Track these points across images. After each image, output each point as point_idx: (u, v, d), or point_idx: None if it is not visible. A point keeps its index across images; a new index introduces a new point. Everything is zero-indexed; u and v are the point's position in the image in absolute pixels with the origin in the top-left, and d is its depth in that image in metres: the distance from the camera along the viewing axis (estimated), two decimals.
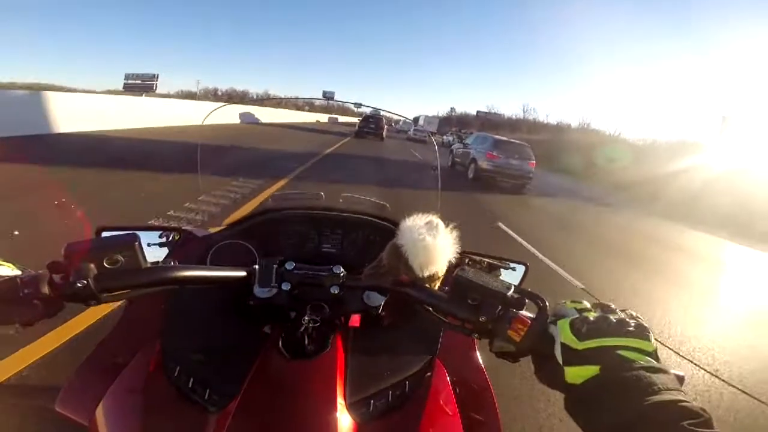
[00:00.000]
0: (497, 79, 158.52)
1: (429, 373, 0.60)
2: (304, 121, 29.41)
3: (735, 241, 8.10)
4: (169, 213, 3.64)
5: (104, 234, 0.67)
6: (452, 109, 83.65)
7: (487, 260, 0.83)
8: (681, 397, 0.32)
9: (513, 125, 48.93)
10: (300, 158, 8.73)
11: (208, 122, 1.55)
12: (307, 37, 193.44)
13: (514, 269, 0.83)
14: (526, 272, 0.83)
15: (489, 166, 10.24)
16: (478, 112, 61.77)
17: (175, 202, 3.87)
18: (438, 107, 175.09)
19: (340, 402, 0.48)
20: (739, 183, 11.68)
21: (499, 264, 0.83)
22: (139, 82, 19.95)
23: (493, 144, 10.57)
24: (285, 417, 0.45)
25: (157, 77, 19.97)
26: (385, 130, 19.60)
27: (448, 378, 0.61)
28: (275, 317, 0.60)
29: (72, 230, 2.67)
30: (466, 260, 0.80)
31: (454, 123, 57.51)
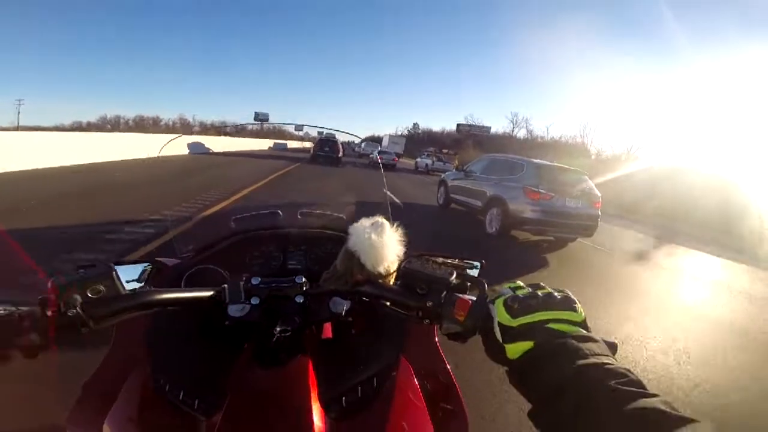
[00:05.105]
0: (467, 91, 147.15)
1: (395, 369, 0.71)
2: (260, 148, 29.49)
3: None
4: None
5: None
6: (415, 125, 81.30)
7: (447, 260, 0.92)
8: (607, 361, 0.38)
9: (504, 142, 46.05)
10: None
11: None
12: (226, 47, 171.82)
13: (473, 266, 0.92)
14: (481, 267, 0.92)
15: (532, 212, 6.24)
16: (458, 125, 56.51)
17: None
18: (397, 124, 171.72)
19: (314, 402, 0.57)
20: None
21: (459, 263, 0.91)
22: None
23: (536, 174, 6.66)
24: (265, 419, 0.54)
25: None
26: (341, 153, 19.73)
27: (413, 372, 0.74)
28: (250, 335, 0.67)
29: None
30: (430, 261, 0.90)
31: (424, 142, 53.98)
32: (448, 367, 0.85)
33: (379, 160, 23.02)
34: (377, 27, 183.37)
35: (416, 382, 0.71)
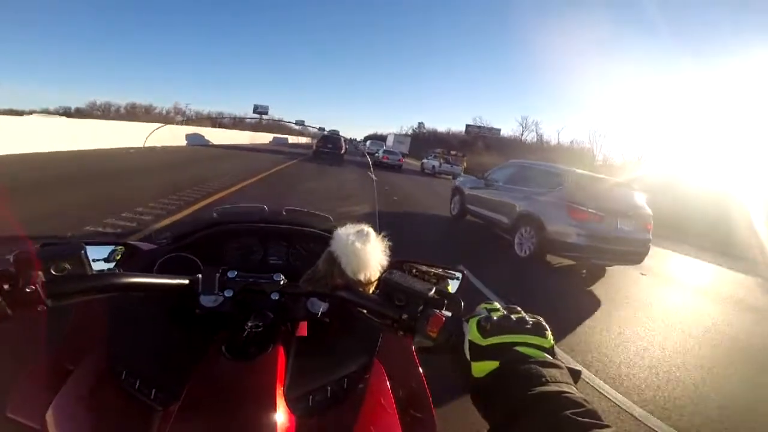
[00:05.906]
0: (475, 92, 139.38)
1: (368, 373, 0.72)
2: (260, 142, 29.93)
3: None
4: None
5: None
6: (420, 124, 79.16)
7: (429, 269, 0.89)
8: (566, 389, 0.38)
9: (514, 145, 44.41)
10: None
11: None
12: (227, 39, 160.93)
13: (455, 276, 0.90)
14: (461, 280, 0.91)
15: (577, 236, 5.19)
16: (467, 126, 55.36)
17: None
18: (400, 122, 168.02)
19: (279, 398, 0.55)
20: None
21: (442, 273, 0.89)
22: None
23: (580, 187, 5.65)
24: (226, 412, 0.52)
25: None
26: (344, 150, 20.11)
27: (386, 378, 0.74)
28: (221, 327, 0.65)
29: None
30: (413, 270, 0.86)
31: (430, 142, 52.58)
32: (422, 374, 0.86)
33: (384, 159, 22.42)
34: (380, 23, 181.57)
35: (388, 387, 0.73)
